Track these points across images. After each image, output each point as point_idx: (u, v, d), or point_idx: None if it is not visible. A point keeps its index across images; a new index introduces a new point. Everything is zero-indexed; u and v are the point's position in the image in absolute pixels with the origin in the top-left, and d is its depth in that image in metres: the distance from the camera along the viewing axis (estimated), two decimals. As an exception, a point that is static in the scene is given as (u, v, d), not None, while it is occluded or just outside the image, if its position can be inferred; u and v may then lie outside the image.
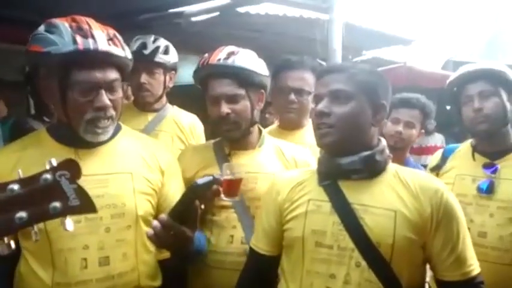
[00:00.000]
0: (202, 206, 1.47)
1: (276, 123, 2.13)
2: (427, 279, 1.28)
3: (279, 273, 1.27)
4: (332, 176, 1.18)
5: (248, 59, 1.52)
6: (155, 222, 1.05)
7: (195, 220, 1.09)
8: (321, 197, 1.17)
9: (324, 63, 3.45)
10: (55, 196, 0.72)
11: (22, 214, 0.70)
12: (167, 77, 2.16)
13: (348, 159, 1.15)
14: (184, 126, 2.17)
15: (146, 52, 2.06)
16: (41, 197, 0.71)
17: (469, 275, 1.12)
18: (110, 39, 1.18)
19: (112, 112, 1.21)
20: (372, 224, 1.10)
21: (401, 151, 2.17)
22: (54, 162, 0.73)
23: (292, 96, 1.90)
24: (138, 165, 1.31)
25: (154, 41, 2.11)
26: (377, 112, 1.18)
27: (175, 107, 2.26)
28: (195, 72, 1.57)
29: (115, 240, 1.22)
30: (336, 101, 1.15)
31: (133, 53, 2.04)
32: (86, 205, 0.74)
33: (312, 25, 3.08)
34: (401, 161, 2.20)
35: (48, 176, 0.72)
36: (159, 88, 2.13)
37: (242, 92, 1.50)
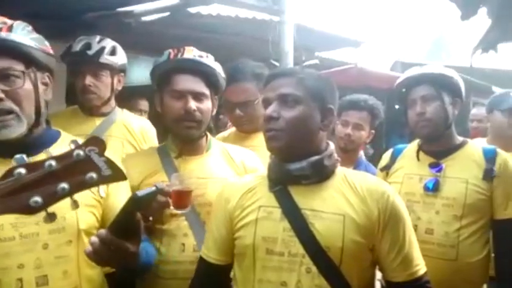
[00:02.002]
0: (151, 218, 1.41)
1: (234, 127, 2.10)
2: (378, 277, 1.30)
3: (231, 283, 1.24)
4: (282, 182, 1.17)
5: (214, 62, 1.54)
6: (93, 238, 0.98)
7: (138, 234, 1.03)
8: (272, 203, 1.16)
9: (277, 64, 3.49)
10: (89, 168, 0.81)
11: (64, 185, 0.79)
12: (115, 79, 2.06)
13: (297, 165, 1.14)
14: (135, 130, 2.08)
15: (90, 53, 1.96)
16: (78, 170, 0.81)
17: (415, 275, 1.14)
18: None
19: (10, 105, 1.10)
20: (321, 229, 1.10)
21: (352, 152, 2.22)
22: (80, 141, 0.82)
23: (238, 111, 1.88)
24: None
25: (99, 42, 2.00)
26: (325, 117, 1.19)
27: (125, 110, 2.17)
28: (158, 65, 1.51)
29: (54, 257, 1.13)
30: (285, 105, 1.14)
31: (76, 53, 1.97)
32: (117, 174, 0.83)
33: (264, 27, 3.09)
34: (353, 161, 2.25)
35: (80, 151, 0.80)
36: (106, 91, 2.04)
37: (208, 92, 1.50)
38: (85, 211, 1.20)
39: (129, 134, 2.07)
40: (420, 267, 1.16)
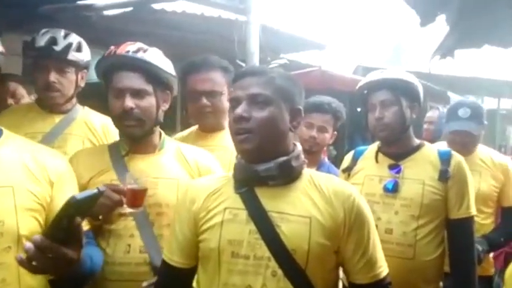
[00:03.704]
0: (101, 217, 1.37)
1: (196, 126, 2.07)
2: (341, 276, 1.31)
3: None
4: (249, 183, 1.16)
5: (157, 57, 1.47)
6: (28, 244, 0.92)
7: (78, 239, 0.97)
8: (238, 205, 1.15)
9: (243, 64, 3.47)
10: None
11: None
12: (79, 76, 1.98)
13: (264, 166, 1.13)
14: (96, 128, 2.00)
15: (57, 49, 1.87)
16: None
17: (378, 276, 1.16)
18: None
19: None
20: (287, 232, 1.09)
21: (316, 154, 2.25)
22: None
23: (204, 100, 1.84)
24: (22, 177, 1.15)
25: (65, 37, 1.92)
26: (294, 117, 1.18)
27: (86, 107, 2.09)
28: (98, 62, 1.46)
29: None
30: (255, 105, 1.12)
31: (41, 49, 1.87)
32: None
33: (230, 26, 3.07)
34: (316, 163, 2.28)
35: None
36: (70, 88, 1.95)
37: (149, 88, 1.44)
38: (26, 215, 1.13)
39: (90, 132, 1.99)
40: (383, 268, 1.18)
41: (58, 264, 0.95)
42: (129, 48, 1.43)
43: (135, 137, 1.46)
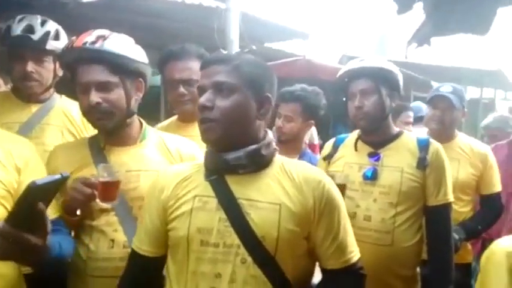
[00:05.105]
0: (78, 212, 1.34)
1: (176, 116, 2.06)
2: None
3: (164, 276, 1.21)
4: (219, 171, 1.15)
5: (121, 44, 1.40)
6: None
7: (42, 225, 0.96)
8: (208, 192, 1.14)
9: (224, 53, 3.44)
10: None
11: None
12: (57, 65, 1.93)
13: (234, 155, 1.12)
14: (75, 118, 1.96)
15: (35, 38, 1.81)
16: None
17: (349, 261, 1.17)
18: None
19: None
20: (257, 219, 1.09)
21: (291, 143, 2.24)
22: None
23: (182, 89, 1.83)
24: None
25: (42, 24, 1.86)
26: (262, 105, 1.16)
27: (63, 96, 2.04)
28: (60, 57, 1.43)
29: None
30: (219, 94, 1.11)
31: (18, 37, 1.81)
32: None
33: (210, 13, 3.03)
34: (297, 152, 2.28)
35: None
36: (49, 77, 1.91)
37: (115, 79, 1.38)
38: None
39: (69, 122, 1.95)
40: (354, 253, 1.18)
41: (21, 251, 0.94)
42: (87, 39, 1.36)
43: (107, 130, 1.43)
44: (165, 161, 1.49)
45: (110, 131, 1.43)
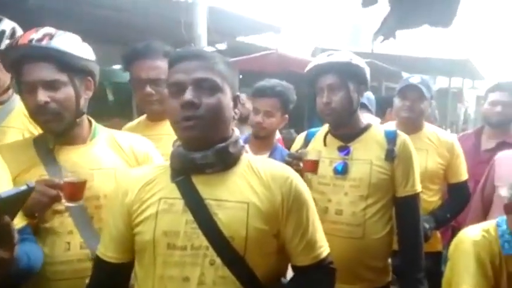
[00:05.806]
0: (37, 214, 1.30)
1: (144, 115, 2.01)
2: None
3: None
4: (185, 171, 1.12)
5: (69, 42, 1.36)
6: None
7: (8, 238, 0.91)
8: (174, 194, 1.11)
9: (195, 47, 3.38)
10: None
11: None
12: None
13: (201, 154, 1.10)
14: None
15: None
16: None
17: (319, 257, 1.17)
18: None
19: None
20: (225, 219, 1.08)
21: (266, 139, 2.24)
22: None
23: (149, 89, 1.79)
24: None
25: None
26: (236, 104, 1.16)
27: None
28: (3, 55, 1.36)
29: None
30: (202, 91, 1.08)
31: None
32: None
33: (177, 7, 2.97)
34: (269, 147, 2.27)
35: None
36: (6, 78, 1.81)
37: (63, 77, 1.33)
38: None
39: (31, 124, 1.89)
40: (324, 249, 1.18)
41: None
42: (33, 36, 1.31)
43: (56, 133, 1.38)
44: (119, 158, 1.45)
45: (59, 134, 1.38)
